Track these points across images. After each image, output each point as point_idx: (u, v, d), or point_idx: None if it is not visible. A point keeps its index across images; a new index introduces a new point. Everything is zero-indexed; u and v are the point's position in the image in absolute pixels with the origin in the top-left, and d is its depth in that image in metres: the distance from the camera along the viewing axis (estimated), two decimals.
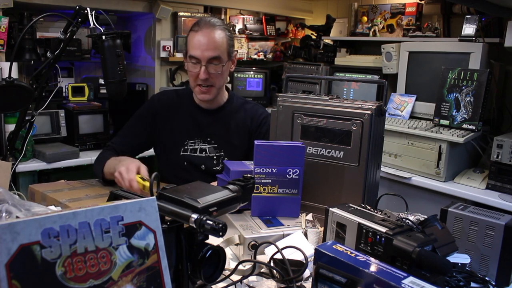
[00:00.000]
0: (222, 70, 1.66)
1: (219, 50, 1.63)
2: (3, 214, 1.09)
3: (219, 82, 1.69)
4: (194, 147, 1.76)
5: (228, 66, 1.70)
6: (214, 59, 1.63)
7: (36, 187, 1.59)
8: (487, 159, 2.45)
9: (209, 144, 1.76)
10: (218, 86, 1.71)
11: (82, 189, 1.59)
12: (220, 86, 1.72)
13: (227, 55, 1.67)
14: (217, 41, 1.63)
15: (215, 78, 1.66)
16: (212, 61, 1.63)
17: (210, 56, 1.62)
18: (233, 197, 0.88)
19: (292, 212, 1.34)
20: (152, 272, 0.68)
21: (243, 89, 3.85)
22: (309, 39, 3.75)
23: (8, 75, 1.44)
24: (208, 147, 1.76)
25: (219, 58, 1.64)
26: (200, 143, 1.76)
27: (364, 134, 1.31)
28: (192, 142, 1.77)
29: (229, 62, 1.71)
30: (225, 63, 1.66)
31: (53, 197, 1.45)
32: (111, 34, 1.51)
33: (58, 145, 2.73)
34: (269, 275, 1.07)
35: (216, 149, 1.76)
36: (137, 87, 3.21)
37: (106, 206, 0.66)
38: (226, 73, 1.72)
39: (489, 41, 2.54)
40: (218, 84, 1.69)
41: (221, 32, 1.65)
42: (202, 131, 1.77)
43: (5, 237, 0.56)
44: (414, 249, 0.87)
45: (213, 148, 1.76)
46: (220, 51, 1.64)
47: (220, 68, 1.65)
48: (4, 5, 2.43)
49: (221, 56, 1.64)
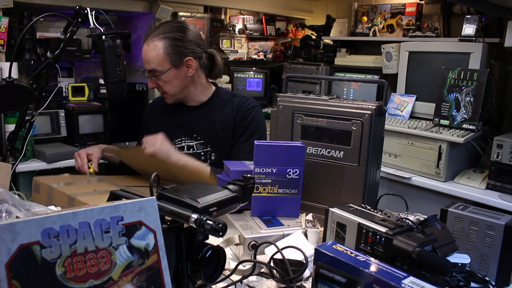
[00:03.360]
0: (164, 79, 1.67)
1: (153, 63, 1.65)
2: (3, 214, 1.09)
3: (169, 89, 1.71)
4: (181, 145, 1.78)
5: (176, 74, 1.68)
6: (152, 71, 1.68)
7: (41, 179, 1.55)
8: (487, 159, 2.45)
9: (195, 141, 1.77)
10: (172, 93, 1.72)
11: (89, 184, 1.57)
12: (174, 92, 1.72)
13: (169, 64, 1.66)
14: (150, 55, 1.65)
15: (164, 87, 1.70)
16: (152, 73, 1.68)
17: (148, 69, 1.68)
18: (233, 197, 0.88)
19: (292, 212, 1.34)
20: (152, 272, 0.68)
21: (243, 89, 3.85)
22: (309, 39, 3.75)
23: (8, 75, 1.44)
24: (195, 143, 1.77)
25: (156, 70, 1.66)
26: (187, 141, 1.78)
27: (364, 134, 1.31)
28: (179, 140, 1.78)
29: (176, 69, 1.67)
30: (164, 73, 1.66)
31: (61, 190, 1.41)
32: (111, 34, 1.51)
33: (58, 145, 2.73)
34: (269, 275, 1.07)
35: (202, 145, 1.77)
36: (137, 87, 3.21)
37: (106, 206, 0.66)
38: (176, 80, 1.69)
39: (489, 41, 2.54)
40: (170, 90, 1.71)
41: (158, 43, 1.64)
42: (188, 128, 1.78)
43: (5, 237, 0.56)
44: (414, 249, 0.87)
45: (199, 144, 1.77)
46: (155, 64, 1.65)
47: (163, 78, 1.67)
48: (4, 5, 2.43)
49: (156, 68, 1.66)
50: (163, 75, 1.67)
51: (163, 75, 1.67)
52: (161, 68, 1.66)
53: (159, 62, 1.65)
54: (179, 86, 1.71)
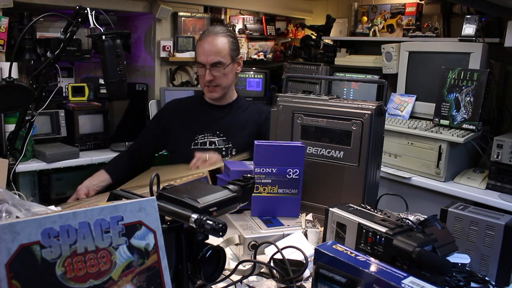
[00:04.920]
0: (224, 72, 1.85)
1: (219, 55, 1.83)
2: (3, 214, 1.09)
3: (224, 82, 1.88)
4: (204, 140, 1.89)
5: (232, 68, 1.89)
6: (217, 63, 1.83)
7: None
8: (487, 159, 2.45)
9: (218, 137, 1.89)
10: (224, 86, 1.89)
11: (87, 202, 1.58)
12: (227, 85, 1.90)
13: (230, 58, 1.86)
14: (218, 48, 1.83)
15: (219, 79, 1.86)
16: (215, 64, 1.83)
17: (212, 61, 1.83)
18: (233, 197, 0.88)
19: (292, 212, 1.34)
20: (152, 272, 0.68)
21: (243, 89, 3.85)
22: (309, 39, 3.75)
23: (8, 75, 1.44)
24: (217, 139, 1.88)
25: (221, 62, 1.83)
26: (210, 137, 1.89)
27: (364, 134, 1.31)
28: (202, 136, 1.90)
29: (233, 65, 1.90)
30: (227, 66, 1.85)
31: None
32: (111, 34, 1.51)
33: (58, 145, 2.72)
34: (269, 275, 1.07)
35: (225, 141, 1.89)
36: (137, 87, 3.20)
37: (106, 206, 0.66)
38: (231, 74, 1.90)
39: (489, 41, 2.54)
40: (223, 83, 1.88)
41: (223, 39, 1.85)
42: (212, 125, 1.92)
43: (5, 237, 0.56)
44: (414, 249, 0.87)
45: (222, 141, 1.89)
46: (221, 56, 1.83)
47: (222, 70, 1.84)
48: (4, 5, 2.42)
49: (222, 60, 1.83)
50: (226, 68, 1.85)
51: (226, 68, 1.84)
52: (226, 61, 1.84)
53: (225, 55, 1.84)
54: (231, 80, 1.91)
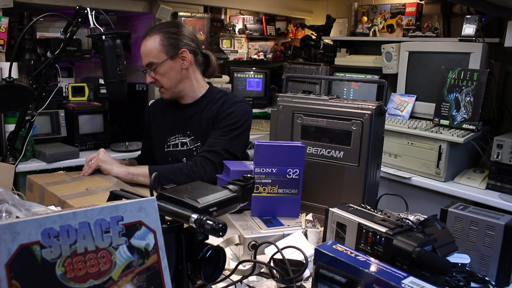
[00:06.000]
0: (160, 72, 1.72)
1: (150, 56, 1.72)
2: (3, 214, 1.09)
3: (165, 82, 1.75)
4: (176, 141, 1.84)
5: (171, 65, 1.73)
6: (149, 65, 1.73)
7: (35, 178, 1.55)
8: (487, 159, 2.45)
9: (188, 137, 1.82)
10: (168, 86, 1.76)
11: (82, 181, 1.55)
12: (170, 85, 1.76)
13: (165, 55, 1.71)
14: (147, 48, 1.72)
15: (160, 80, 1.74)
16: (149, 66, 1.73)
17: (145, 63, 1.74)
18: (233, 197, 0.88)
19: (292, 212, 1.34)
20: (152, 272, 0.68)
21: (243, 89, 3.85)
22: (309, 39, 3.75)
23: (8, 75, 1.45)
24: (188, 140, 1.82)
25: (153, 63, 1.72)
26: (180, 137, 1.83)
27: (364, 134, 1.31)
28: (174, 138, 1.84)
29: (172, 61, 1.72)
30: (160, 64, 1.71)
31: (52, 191, 1.40)
32: (111, 34, 1.51)
33: (58, 145, 2.72)
34: (269, 275, 1.07)
35: (193, 140, 1.81)
36: (137, 87, 3.20)
37: (106, 206, 0.66)
38: (172, 72, 1.74)
39: (489, 41, 2.54)
40: (165, 84, 1.75)
41: (154, 37, 1.71)
42: (182, 125, 1.83)
43: (5, 237, 0.56)
44: (414, 249, 0.87)
45: (191, 140, 1.82)
46: (152, 56, 1.71)
47: (159, 70, 1.72)
48: (4, 5, 2.42)
49: (153, 61, 1.71)
50: (159, 67, 1.71)
51: (159, 67, 1.71)
52: (157, 60, 1.71)
53: (155, 54, 1.71)
54: (174, 78, 1.75)
